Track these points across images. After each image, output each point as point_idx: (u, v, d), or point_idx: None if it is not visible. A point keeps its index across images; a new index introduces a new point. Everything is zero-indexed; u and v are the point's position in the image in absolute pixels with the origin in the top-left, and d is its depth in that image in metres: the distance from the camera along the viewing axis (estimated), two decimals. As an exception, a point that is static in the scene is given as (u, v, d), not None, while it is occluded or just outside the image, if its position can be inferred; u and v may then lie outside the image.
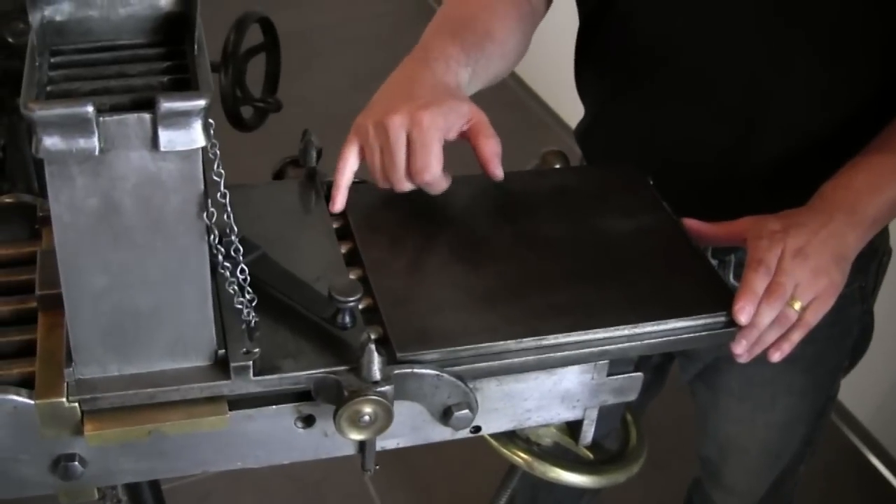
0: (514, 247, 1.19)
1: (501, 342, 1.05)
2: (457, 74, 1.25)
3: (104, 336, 0.94)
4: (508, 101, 4.08)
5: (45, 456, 0.99)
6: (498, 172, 1.21)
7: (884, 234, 1.54)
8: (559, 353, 1.06)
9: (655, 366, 1.73)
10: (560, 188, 1.30)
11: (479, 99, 1.29)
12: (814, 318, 1.16)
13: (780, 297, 1.12)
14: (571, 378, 1.12)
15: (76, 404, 0.95)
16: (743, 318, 1.10)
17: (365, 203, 1.23)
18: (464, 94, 1.25)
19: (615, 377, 1.13)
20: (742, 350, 1.14)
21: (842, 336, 1.60)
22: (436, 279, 1.14)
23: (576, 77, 1.59)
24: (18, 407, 0.95)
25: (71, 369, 0.95)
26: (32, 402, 0.94)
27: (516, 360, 1.06)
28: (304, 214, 1.22)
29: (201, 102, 0.84)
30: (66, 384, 0.95)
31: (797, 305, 1.14)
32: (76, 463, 0.99)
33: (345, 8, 4.88)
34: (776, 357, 1.17)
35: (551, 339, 1.06)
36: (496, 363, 1.05)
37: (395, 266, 1.15)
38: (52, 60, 0.92)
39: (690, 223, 1.23)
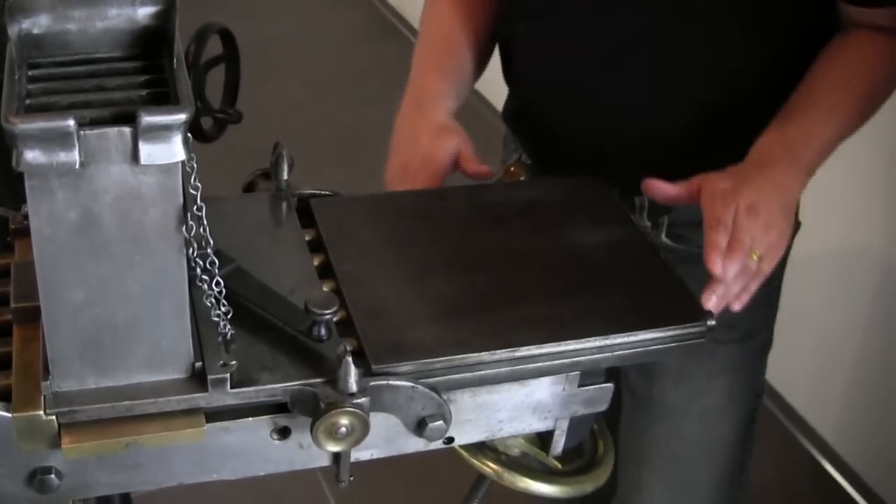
0: (485, 259, 1.20)
1: (475, 354, 1.06)
2: (445, 109, 1.52)
3: (82, 349, 0.94)
4: (463, 112, 4.08)
5: (21, 469, 0.99)
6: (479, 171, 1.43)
7: None
8: (532, 365, 1.08)
9: None
10: (529, 200, 1.31)
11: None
12: (768, 267, 1.24)
13: (741, 251, 1.20)
14: (543, 389, 1.13)
15: (53, 417, 0.95)
16: (717, 269, 1.18)
17: (336, 216, 1.24)
18: (453, 124, 1.50)
19: (586, 388, 1.14)
20: (713, 305, 1.19)
21: (767, 298, 1.65)
22: (409, 291, 1.14)
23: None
24: (-5, 420, 0.94)
25: (48, 382, 0.94)
26: (9, 415, 0.94)
27: (490, 371, 1.07)
28: (276, 227, 1.22)
29: (182, 116, 0.84)
30: (43, 397, 0.95)
31: (755, 256, 1.21)
32: (52, 476, 0.99)
33: (301, 19, 4.87)
34: (737, 306, 1.24)
35: (524, 351, 1.07)
36: (470, 375, 1.06)
37: (368, 278, 1.15)
38: (31, 73, 0.92)
39: (655, 183, 1.29)
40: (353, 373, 0.98)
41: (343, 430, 0.99)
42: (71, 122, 0.81)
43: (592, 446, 1.33)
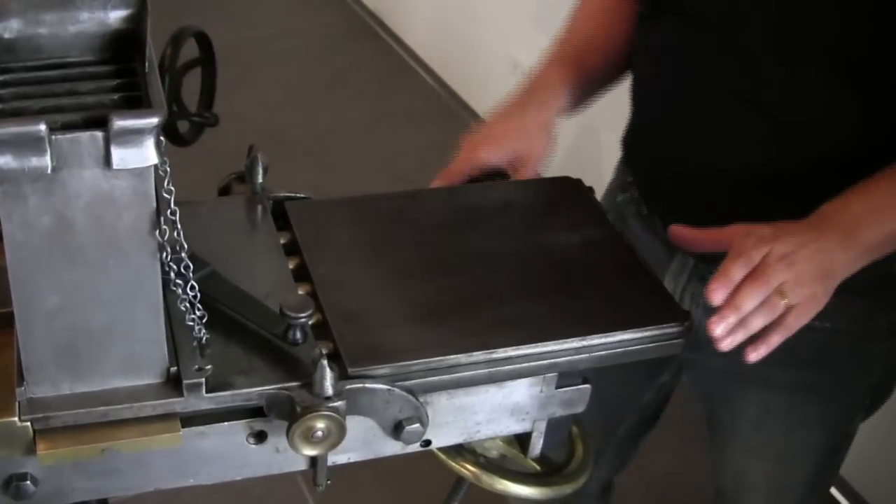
0: (462, 261, 1.20)
1: (452, 356, 1.06)
2: (551, 107, 1.46)
3: (56, 355, 0.94)
4: (441, 113, 4.10)
5: (-4, 476, 0.98)
6: None
7: None
8: (509, 367, 1.08)
9: (646, 409, 1.80)
10: (506, 202, 1.31)
11: (412, 114, 1.32)
12: (795, 323, 1.16)
13: (764, 283, 1.12)
14: (521, 391, 1.13)
15: (28, 423, 0.94)
16: (715, 298, 1.12)
17: (311, 218, 1.23)
18: (543, 126, 1.44)
19: (564, 389, 1.15)
20: (721, 332, 1.13)
21: (862, 371, 1.57)
22: (385, 294, 1.14)
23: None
24: (-31, 427, 0.94)
25: (22, 388, 0.94)
26: (-17, 421, 0.94)
27: (466, 373, 1.07)
28: (251, 231, 1.22)
29: (154, 120, 0.84)
30: (17, 403, 0.94)
31: (784, 300, 1.13)
32: (28, 482, 0.98)
33: (277, 22, 4.86)
34: (752, 357, 1.17)
35: (501, 353, 1.07)
36: (447, 377, 1.06)
37: (344, 281, 1.15)
38: (2, 78, 0.91)
39: (676, 230, 1.24)
40: (328, 376, 0.98)
41: (319, 433, 0.99)
42: (42, 127, 0.81)
43: (570, 448, 1.33)
